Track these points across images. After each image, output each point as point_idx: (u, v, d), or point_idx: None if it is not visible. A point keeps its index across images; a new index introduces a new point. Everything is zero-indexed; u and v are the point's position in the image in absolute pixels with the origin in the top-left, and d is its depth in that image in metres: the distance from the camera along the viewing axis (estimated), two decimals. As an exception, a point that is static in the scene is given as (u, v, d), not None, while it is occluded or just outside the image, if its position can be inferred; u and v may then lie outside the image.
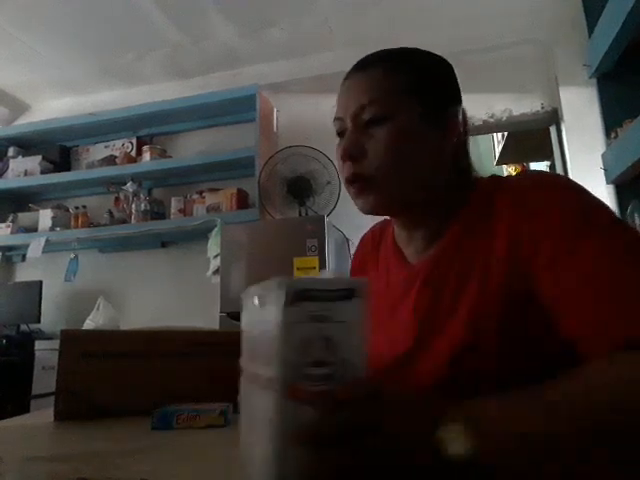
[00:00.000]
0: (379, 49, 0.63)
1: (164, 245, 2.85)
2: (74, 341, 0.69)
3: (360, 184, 0.56)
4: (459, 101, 0.60)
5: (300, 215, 2.37)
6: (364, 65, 0.59)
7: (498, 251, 0.50)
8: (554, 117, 2.42)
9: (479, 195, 0.55)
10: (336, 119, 0.61)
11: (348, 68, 0.63)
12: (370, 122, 0.56)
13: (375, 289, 0.64)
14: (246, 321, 0.41)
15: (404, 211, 0.59)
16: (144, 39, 2.64)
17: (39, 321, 2.70)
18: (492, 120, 2.48)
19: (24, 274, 3.06)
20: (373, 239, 0.72)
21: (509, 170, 3.98)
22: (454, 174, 0.58)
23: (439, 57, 0.63)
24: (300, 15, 2.47)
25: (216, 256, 2.38)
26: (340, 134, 0.60)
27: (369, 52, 0.63)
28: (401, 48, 0.62)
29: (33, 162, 2.96)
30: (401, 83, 0.56)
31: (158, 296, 2.76)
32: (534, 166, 3.84)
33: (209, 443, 0.54)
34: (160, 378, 0.70)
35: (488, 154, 3.95)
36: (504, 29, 2.46)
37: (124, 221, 2.76)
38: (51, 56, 2.77)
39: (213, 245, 2.43)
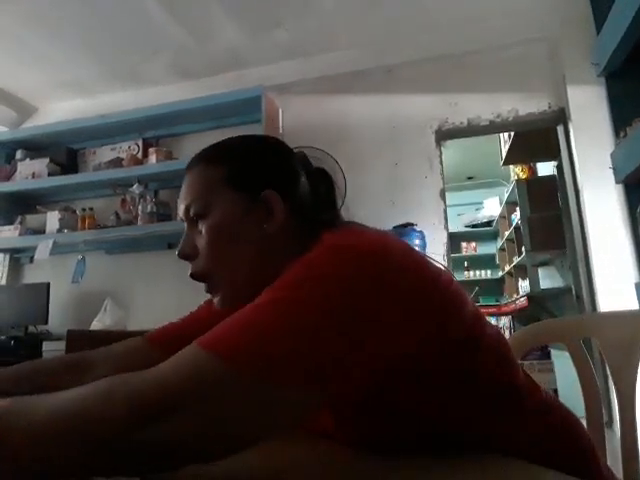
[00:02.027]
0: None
1: (170, 246, 2.86)
2: (80, 342, 0.69)
3: (206, 284, 0.58)
4: (282, 180, 0.59)
5: (306, 216, 2.36)
6: (189, 165, 0.61)
7: None
8: (561, 116, 2.40)
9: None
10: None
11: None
12: (193, 222, 0.58)
13: None
14: None
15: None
16: (150, 41, 2.66)
17: (46, 322, 2.71)
18: (499, 120, 2.46)
19: (32, 276, 3.08)
20: None
21: (516, 170, 3.95)
22: (289, 246, 0.56)
23: (261, 139, 0.64)
24: (304, 16, 2.47)
25: (222, 257, 2.38)
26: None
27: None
28: (220, 141, 0.63)
29: (41, 164, 2.99)
30: (214, 177, 0.57)
31: (164, 297, 2.77)
32: (541, 166, 3.82)
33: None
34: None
35: (495, 154, 3.93)
36: (510, 28, 2.45)
37: (130, 223, 2.78)
38: (58, 59, 2.79)
39: (219, 246, 2.44)
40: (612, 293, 2.08)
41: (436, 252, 2.31)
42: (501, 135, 3.53)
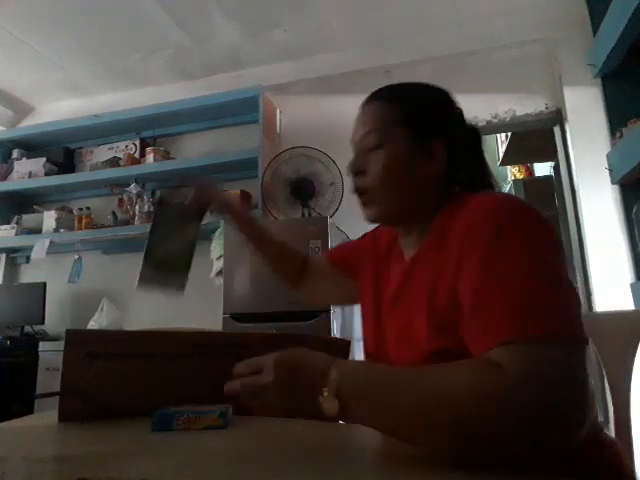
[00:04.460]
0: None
1: (167, 246, 2.85)
2: (79, 341, 0.69)
3: (363, 198, 0.68)
4: (448, 131, 0.67)
5: (303, 216, 2.37)
6: (369, 99, 0.70)
7: (449, 265, 0.57)
8: (558, 117, 2.41)
9: (447, 211, 0.63)
10: (352, 143, 0.72)
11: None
12: (369, 148, 0.67)
13: (372, 283, 0.76)
14: None
15: (398, 222, 0.70)
16: (148, 41, 2.65)
17: (43, 322, 2.71)
18: (496, 120, 2.47)
19: (28, 275, 3.08)
20: (376, 240, 0.83)
21: (513, 171, 3.96)
22: (437, 193, 0.66)
23: (435, 89, 0.72)
24: (303, 17, 2.48)
25: (219, 257, 2.37)
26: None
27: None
28: (402, 83, 0.72)
29: (37, 164, 2.98)
30: (393, 116, 0.67)
31: (161, 297, 2.76)
32: (538, 167, 3.83)
33: (209, 444, 0.54)
34: (163, 379, 0.69)
35: (492, 155, 3.94)
36: (508, 29, 2.46)
37: (127, 222, 2.77)
38: (55, 58, 2.78)
39: (216, 246, 2.43)
40: (608, 293, 2.09)
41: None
42: (498, 135, 3.54)
